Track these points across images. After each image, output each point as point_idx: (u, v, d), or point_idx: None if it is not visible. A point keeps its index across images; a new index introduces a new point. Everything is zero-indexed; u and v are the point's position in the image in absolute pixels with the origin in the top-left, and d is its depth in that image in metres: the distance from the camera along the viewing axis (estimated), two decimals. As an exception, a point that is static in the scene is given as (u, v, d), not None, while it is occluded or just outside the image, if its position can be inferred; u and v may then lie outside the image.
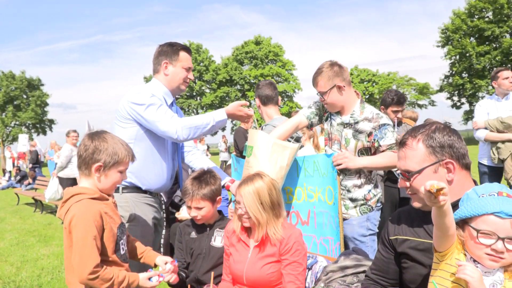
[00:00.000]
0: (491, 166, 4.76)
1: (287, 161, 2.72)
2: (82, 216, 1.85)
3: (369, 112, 2.78)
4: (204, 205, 2.51)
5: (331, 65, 2.80)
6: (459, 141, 1.66)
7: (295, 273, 2.17)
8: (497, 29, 40.83)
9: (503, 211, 1.32)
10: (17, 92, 50.38)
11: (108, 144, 1.96)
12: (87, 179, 1.98)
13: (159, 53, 2.78)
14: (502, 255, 1.33)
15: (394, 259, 1.81)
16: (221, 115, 2.63)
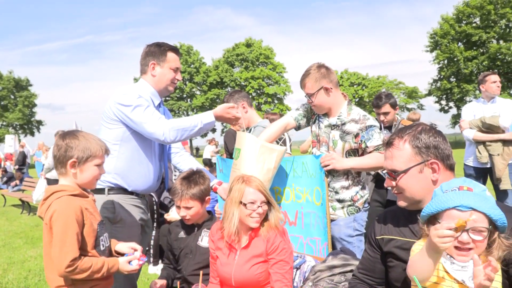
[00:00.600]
0: (477, 168, 4.85)
1: (274, 163, 2.74)
2: (63, 211, 1.89)
3: (356, 113, 2.81)
4: (193, 205, 2.53)
5: (318, 67, 2.83)
6: (444, 143, 1.70)
7: (282, 271, 2.19)
8: (484, 35, 41.55)
9: (463, 204, 1.37)
10: (4, 92, 49.71)
11: (79, 141, 2.01)
12: (65, 178, 2.03)
13: (146, 54, 2.75)
14: (469, 246, 1.38)
15: (380, 259, 1.84)
16: (209, 117, 2.63)
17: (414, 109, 54.51)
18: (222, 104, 2.75)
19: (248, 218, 2.25)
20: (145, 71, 2.75)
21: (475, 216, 1.36)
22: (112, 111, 2.58)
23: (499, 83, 4.75)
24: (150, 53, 2.73)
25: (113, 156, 2.59)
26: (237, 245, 2.30)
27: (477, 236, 1.37)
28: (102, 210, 2.60)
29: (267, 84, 52.89)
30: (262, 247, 2.23)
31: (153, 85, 2.74)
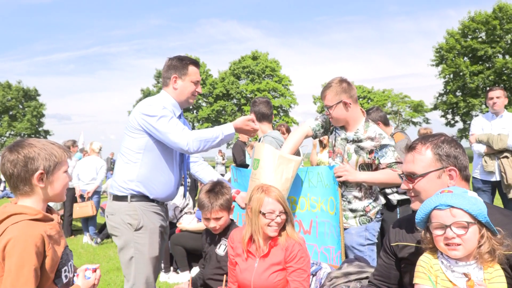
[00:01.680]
0: (484, 180, 4.91)
1: (292, 173, 2.83)
2: (20, 240, 1.58)
3: (373, 131, 2.90)
4: (222, 215, 2.64)
5: (340, 81, 2.93)
6: (463, 154, 1.82)
7: (300, 279, 2.27)
8: (490, 49, 41.65)
9: (441, 203, 1.53)
10: (13, 102, 50.31)
11: (39, 148, 1.72)
12: (30, 197, 1.72)
13: (168, 67, 2.87)
14: (456, 241, 1.49)
15: (395, 265, 1.91)
16: (229, 129, 2.73)
17: (420, 123, 54.57)
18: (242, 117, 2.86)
19: (267, 227, 2.33)
20: (167, 84, 2.87)
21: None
22: (137, 121, 2.69)
23: (496, 99, 4.85)
24: (172, 67, 2.85)
25: (136, 164, 2.70)
26: (257, 253, 2.38)
27: (459, 230, 1.49)
28: (125, 216, 2.70)
29: (273, 97, 53.14)
30: (281, 256, 2.31)
31: (174, 97, 2.85)
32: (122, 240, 2.73)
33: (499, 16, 41.31)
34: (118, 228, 2.74)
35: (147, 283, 2.72)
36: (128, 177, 2.71)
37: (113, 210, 2.76)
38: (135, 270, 2.71)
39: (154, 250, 2.76)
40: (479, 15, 42.50)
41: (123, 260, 2.76)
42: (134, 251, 2.71)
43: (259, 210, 2.33)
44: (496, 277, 1.50)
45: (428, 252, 1.63)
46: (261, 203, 2.34)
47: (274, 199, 2.33)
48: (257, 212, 2.33)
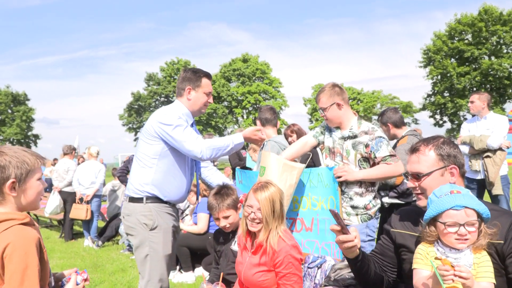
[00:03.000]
0: (471, 178, 5.21)
1: (295, 179, 3.06)
2: (19, 244, 1.57)
3: (366, 126, 3.16)
4: (230, 214, 2.86)
5: (333, 86, 3.21)
6: (460, 154, 2.07)
7: (290, 282, 2.43)
8: (476, 51, 42.46)
9: (457, 204, 1.71)
10: (2, 107, 49.83)
11: (9, 156, 1.67)
12: (3, 206, 1.68)
13: (183, 79, 3.07)
14: (466, 237, 1.71)
15: (394, 251, 2.15)
16: (239, 138, 2.96)
17: (409, 123, 55.24)
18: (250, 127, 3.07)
19: (246, 220, 2.53)
20: (181, 94, 3.06)
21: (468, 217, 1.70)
22: (154, 129, 2.88)
23: (471, 103, 5.29)
24: (186, 79, 3.05)
25: (151, 169, 2.90)
26: (249, 248, 2.57)
27: (470, 228, 1.71)
28: (141, 217, 2.89)
29: (264, 99, 53.41)
30: (268, 258, 2.45)
31: (188, 107, 3.05)
32: (138, 239, 2.93)
33: (484, 18, 42.17)
34: (134, 228, 2.93)
35: (161, 280, 2.91)
36: (143, 180, 2.91)
37: (129, 211, 2.95)
38: (150, 267, 2.90)
39: (168, 248, 2.95)
40: (465, 17, 43.32)
41: (139, 258, 2.95)
42: (149, 249, 2.91)
43: (244, 202, 2.58)
44: (484, 261, 1.73)
45: (425, 243, 1.86)
46: (248, 196, 2.57)
47: (256, 197, 2.48)
48: (244, 204, 2.58)
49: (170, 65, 53.30)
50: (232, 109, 53.37)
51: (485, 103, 5.15)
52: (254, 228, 2.49)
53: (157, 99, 52.69)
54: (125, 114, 53.91)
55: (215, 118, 52.04)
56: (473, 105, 5.24)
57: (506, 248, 1.77)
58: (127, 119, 53.78)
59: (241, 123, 52.12)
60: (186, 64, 53.80)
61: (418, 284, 1.80)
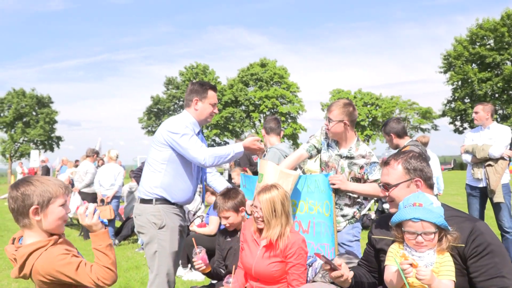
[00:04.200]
0: (474, 186, 5.35)
1: (290, 186, 3.30)
2: (55, 263, 1.86)
3: (363, 150, 3.41)
4: (229, 215, 3.15)
5: (348, 105, 3.40)
6: (427, 167, 2.28)
7: (298, 272, 2.73)
8: (498, 57, 41.71)
9: (415, 217, 1.93)
10: (27, 109, 51.48)
11: (35, 186, 1.91)
12: (31, 229, 1.93)
13: (191, 91, 3.35)
14: (423, 244, 1.94)
15: (374, 255, 2.39)
16: (239, 148, 3.22)
17: (429, 129, 54.54)
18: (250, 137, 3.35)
19: (256, 219, 2.84)
20: (189, 105, 3.34)
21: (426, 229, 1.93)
22: (163, 137, 3.17)
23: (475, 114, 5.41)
24: (194, 91, 3.33)
25: (160, 173, 3.20)
26: (261, 242, 2.85)
27: (427, 236, 1.93)
28: (150, 217, 3.19)
29: (281, 103, 53.65)
30: (281, 250, 2.75)
31: (195, 116, 3.33)
32: (148, 237, 3.22)
33: (507, 23, 41.41)
34: (144, 227, 3.22)
35: (168, 274, 3.19)
36: (153, 183, 3.20)
37: (140, 211, 3.25)
38: (158, 263, 3.19)
39: (174, 246, 3.23)
40: (487, 22, 42.64)
41: (148, 254, 3.24)
42: (158, 246, 3.19)
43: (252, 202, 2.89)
44: (446, 261, 1.95)
45: (396, 243, 2.09)
46: (254, 197, 2.89)
47: (258, 198, 2.80)
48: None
49: (189, 70, 54.11)
50: (249, 113, 53.76)
51: (489, 114, 5.27)
52: (260, 226, 2.83)
53: (175, 103, 53.50)
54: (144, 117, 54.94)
55: (232, 122, 52.52)
56: (477, 116, 5.37)
57: (467, 251, 1.97)
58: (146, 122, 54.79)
59: (258, 127, 52.43)
60: (205, 68, 54.54)
61: (387, 279, 2.04)
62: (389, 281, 2.02)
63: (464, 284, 1.99)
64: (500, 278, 1.90)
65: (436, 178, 5.97)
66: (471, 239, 1.98)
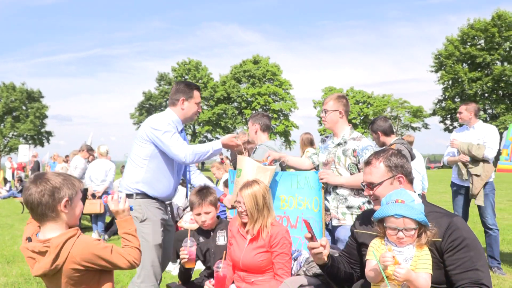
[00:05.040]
0: (459, 185, 5.46)
1: (267, 179, 3.37)
2: (91, 247, 1.93)
3: (355, 134, 3.56)
4: (211, 210, 3.16)
5: (342, 97, 3.64)
6: (407, 163, 2.36)
7: (283, 261, 2.81)
8: (488, 57, 42.25)
9: (397, 213, 2.00)
10: (17, 103, 50.99)
11: (61, 179, 1.95)
12: (56, 223, 1.95)
13: (177, 90, 3.43)
14: (403, 240, 2.01)
15: (356, 248, 2.46)
16: (218, 145, 3.33)
17: (419, 128, 55.07)
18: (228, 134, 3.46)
19: (239, 213, 2.92)
20: (175, 104, 3.42)
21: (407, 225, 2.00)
22: (146, 133, 3.25)
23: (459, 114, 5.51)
24: (180, 90, 3.42)
25: (142, 169, 3.27)
26: (247, 236, 2.93)
27: (408, 232, 2.00)
28: (132, 211, 3.25)
29: (273, 101, 53.80)
30: (266, 240, 2.84)
31: (179, 115, 3.41)
32: None
33: (497, 23, 41.94)
34: None
35: (153, 266, 3.25)
36: (135, 179, 3.28)
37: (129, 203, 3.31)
38: (142, 256, 3.24)
39: (157, 238, 3.28)
40: (478, 22, 43.14)
41: None
42: (140, 239, 3.23)
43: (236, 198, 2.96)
44: (424, 255, 2.03)
45: (378, 238, 2.17)
46: (238, 192, 2.96)
47: (241, 194, 2.89)
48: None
49: (182, 66, 53.97)
50: (241, 110, 53.81)
51: (472, 113, 5.37)
52: (244, 220, 2.91)
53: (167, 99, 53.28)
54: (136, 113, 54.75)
55: (224, 119, 52.54)
56: (461, 116, 5.47)
57: (444, 245, 2.06)
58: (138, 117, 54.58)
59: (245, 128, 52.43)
60: (197, 64, 54.43)
61: (367, 272, 2.11)
62: (369, 274, 2.10)
63: (440, 277, 2.07)
64: (475, 271, 1.99)
65: (422, 177, 6.06)
66: (447, 233, 2.06)
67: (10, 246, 7.41)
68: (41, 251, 1.90)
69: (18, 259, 6.43)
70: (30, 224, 2.11)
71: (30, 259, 1.96)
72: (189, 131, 53.73)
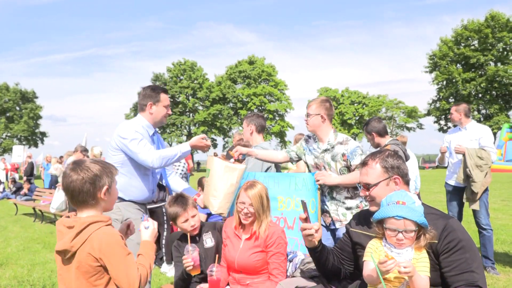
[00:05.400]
0: (453, 186, 5.47)
1: (236, 179, 3.36)
2: (113, 240, 1.88)
3: (341, 137, 3.53)
4: (195, 212, 3.10)
5: (326, 101, 3.61)
6: (403, 164, 2.35)
7: (278, 261, 2.81)
8: (482, 57, 42.49)
9: (398, 215, 1.99)
10: (10, 104, 50.60)
11: (100, 166, 1.97)
12: (92, 208, 1.97)
13: (144, 96, 3.43)
14: (403, 242, 2.00)
15: (351, 246, 2.46)
16: (185, 147, 3.34)
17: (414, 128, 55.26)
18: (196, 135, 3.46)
19: (240, 215, 2.89)
20: (144, 109, 3.43)
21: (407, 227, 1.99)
22: (115, 141, 3.31)
23: (450, 114, 5.54)
24: (147, 95, 3.42)
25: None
26: (242, 236, 2.92)
27: (408, 234, 2.00)
28: (111, 214, 3.23)
29: (269, 101, 53.76)
30: (262, 240, 2.84)
31: (149, 120, 3.42)
32: None
33: (491, 24, 42.22)
34: None
35: None
36: None
37: None
38: None
39: (139, 237, 3.29)
40: (472, 23, 43.39)
41: None
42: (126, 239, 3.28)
43: (237, 200, 2.92)
44: (422, 258, 2.03)
45: (376, 239, 2.16)
46: (239, 195, 2.93)
47: (247, 194, 2.86)
48: (236, 201, 2.93)
49: (177, 66, 53.81)
50: (237, 110, 53.74)
51: (462, 114, 5.38)
52: (246, 221, 2.88)
53: (163, 99, 53.13)
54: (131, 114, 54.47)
55: (220, 120, 52.45)
56: (452, 117, 5.49)
57: (439, 247, 2.06)
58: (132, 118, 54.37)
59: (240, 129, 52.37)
60: (192, 65, 54.30)
61: (365, 274, 2.11)
62: (368, 276, 2.09)
63: (436, 278, 2.07)
64: (470, 273, 1.99)
65: (416, 177, 6.08)
66: (443, 235, 2.06)
67: (3, 249, 7.35)
68: (70, 225, 1.92)
69: (11, 261, 6.37)
70: None
71: (59, 233, 1.96)
72: (185, 132, 53.62)
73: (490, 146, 5.23)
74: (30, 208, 11.43)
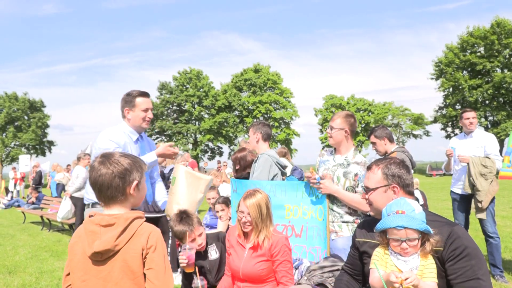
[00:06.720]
0: (458, 194, 5.43)
1: (202, 188, 3.41)
2: (158, 236, 1.81)
3: (360, 158, 3.52)
4: (202, 230, 3.17)
5: (351, 116, 3.61)
6: (406, 174, 2.35)
7: (285, 269, 2.83)
8: (488, 64, 42.30)
9: (399, 225, 2.01)
10: (19, 113, 51.13)
11: (130, 161, 1.87)
12: (124, 205, 1.86)
13: (121, 102, 3.50)
14: (407, 250, 2.02)
15: (358, 257, 2.46)
16: (152, 157, 3.38)
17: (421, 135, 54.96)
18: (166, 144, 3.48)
19: (240, 223, 2.93)
20: (124, 116, 3.50)
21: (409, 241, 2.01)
22: (95, 150, 3.39)
23: (473, 119, 5.35)
24: (123, 102, 3.48)
25: None
26: (246, 245, 2.93)
27: (411, 243, 2.01)
28: None
29: (274, 109, 53.84)
30: (266, 250, 2.85)
31: (130, 125, 3.48)
32: None
33: (497, 31, 42.08)
34: None
35: None
36: (89, 189, 3.37)
37: (86, 214, 3.42)
38: None
39: None
40: (478, 30, 43.29)
41: None
42: None
43: (237, 209, 2.96)
44: (429, 264, 2.04)
45: (381, 247, 2.17)
46: (239, 204, 2.97)
47: (245, 203, 2.90)
48: (237, 210, 2.97)
49: (183, 74, 54.14)
50: (243, 118, 53.86)
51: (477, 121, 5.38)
52: (246, 229, 2.93)
53: (169, 108, 53.45)
54: (137, 122, 54.80)
55: (226, 128, 52.57)
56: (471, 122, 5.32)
57: (445, 254, 2.06)
58: (139, 127, 54.59)
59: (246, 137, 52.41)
60: (198, 73, 54.63)
61: (372, 282, 2.12)
62: (374, 284, 2.10)
63: (443, 286, 2.07)
64: (476, 280, 1.99)
65: None
66: (449, 242, 2.06)
67: (11, 257, 7.40)
68: (110, 223, 1.78)
69: (20, 269, 6.42)
70: None
71: (91, 234, 1.80)
72: (191, 140, 53.77)
73: (495, 153, 5.20)
74: (37, 216, 11.51)
